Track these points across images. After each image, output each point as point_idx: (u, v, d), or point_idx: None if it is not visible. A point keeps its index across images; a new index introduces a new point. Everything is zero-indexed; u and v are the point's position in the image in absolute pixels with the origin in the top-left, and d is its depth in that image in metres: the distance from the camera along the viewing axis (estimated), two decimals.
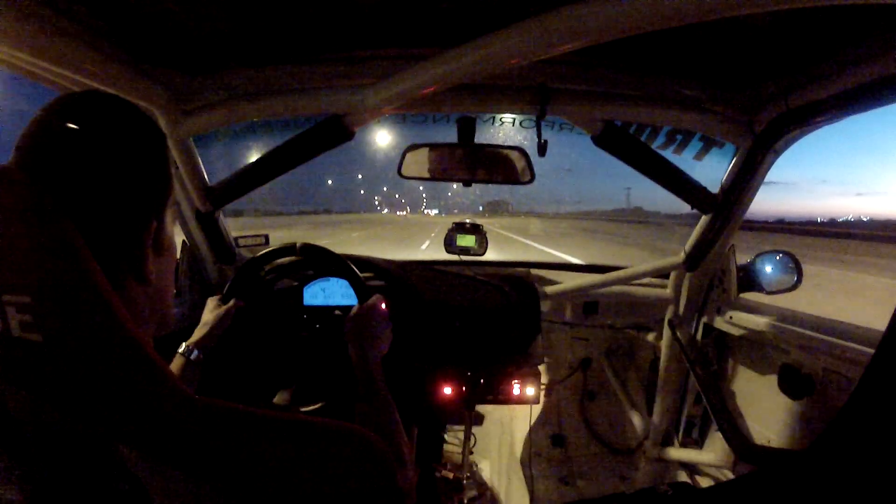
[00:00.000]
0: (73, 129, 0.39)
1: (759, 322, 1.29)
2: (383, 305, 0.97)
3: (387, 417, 0.73)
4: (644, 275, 1.54)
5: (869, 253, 18.52)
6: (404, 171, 1.26)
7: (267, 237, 1.52)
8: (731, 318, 1.40)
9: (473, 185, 1.28)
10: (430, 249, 14.13)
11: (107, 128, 0.41)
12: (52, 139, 0.39)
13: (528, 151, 1.22)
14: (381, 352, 0.90)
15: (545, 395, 2.00)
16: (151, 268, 0.43)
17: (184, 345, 0.91)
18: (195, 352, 0.90)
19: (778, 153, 1.11)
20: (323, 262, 1.14)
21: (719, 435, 1.34)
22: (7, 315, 0.29)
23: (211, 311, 1.01)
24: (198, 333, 0.95)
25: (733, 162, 1.19)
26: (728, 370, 1.51)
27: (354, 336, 0.89)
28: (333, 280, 1.30)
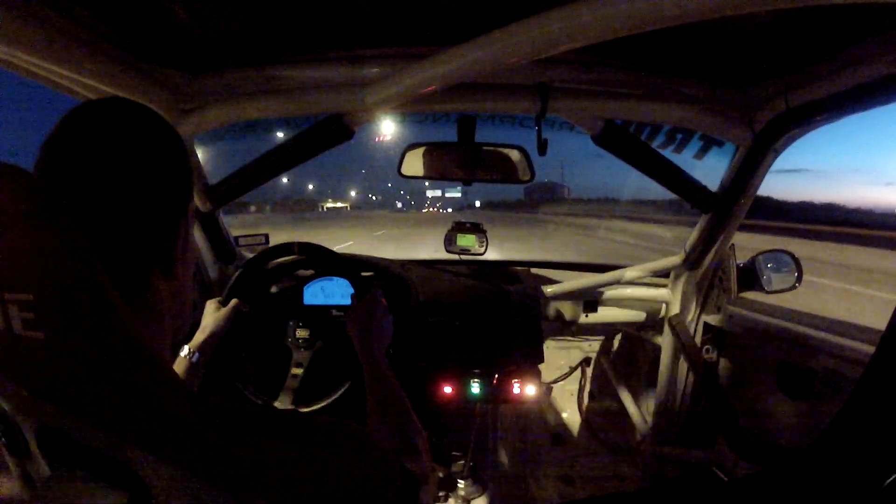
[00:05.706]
0: (102, 133, 0.41)
1: (759, 321, 1.30)
2: (383, 299, 0.97)
3: (399, 408, 0.71)
4: (644, 274, 1.54)
5: None
6: (404, 171, 1.26)
7: (267, 236, 1.52)
8: (731, 317, 1.40)
9: None
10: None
11: (135, 131, 0.42)
12: (82, 144, 0.40)
13: (527, 150, 1.23)
14: (385, 344, 0.89)
15: (545, 395, 2.00)
16: (179, 264, 0.45)
17: (185, 347, 0.91)
18: (196, 354, 0.90)
19: (778, 152, 1.11)
20: (322, 262, 1.14)
21: (720, 434, 1.34)
22: (9, 313, 0.29)
23: (211, 314, 1.01)
24: (198, 336, 0.95)
25: (733, 161, 1.19)
26: (728, 369, 1.51)
27: (357, 329, 0.88)
28: (333, 279, 1.30)
